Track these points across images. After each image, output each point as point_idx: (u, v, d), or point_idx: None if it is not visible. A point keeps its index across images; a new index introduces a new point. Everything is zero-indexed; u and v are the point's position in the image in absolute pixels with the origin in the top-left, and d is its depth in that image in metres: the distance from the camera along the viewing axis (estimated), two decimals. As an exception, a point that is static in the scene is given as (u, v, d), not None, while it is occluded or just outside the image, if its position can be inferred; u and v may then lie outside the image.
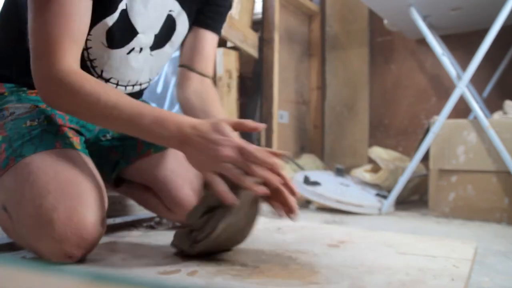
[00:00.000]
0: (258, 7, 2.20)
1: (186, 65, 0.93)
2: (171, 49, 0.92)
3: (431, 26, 1.85)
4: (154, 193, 0.95)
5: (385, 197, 1.78)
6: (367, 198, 1.76)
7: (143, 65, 0.88)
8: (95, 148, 0.91)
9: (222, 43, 1.81)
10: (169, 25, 0.87)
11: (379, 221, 1.53)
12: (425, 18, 1.77)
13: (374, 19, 2.46)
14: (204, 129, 0.64)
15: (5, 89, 0.84)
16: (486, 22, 1.66)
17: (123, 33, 0.80)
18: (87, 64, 0.82)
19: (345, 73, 2.62)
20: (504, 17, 1.54)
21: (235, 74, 1.89)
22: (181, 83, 0.93)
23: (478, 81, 2.04)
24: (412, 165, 1.68)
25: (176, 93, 0.95)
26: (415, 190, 2.02)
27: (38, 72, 0.69)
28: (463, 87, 1.61)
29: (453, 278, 0.60)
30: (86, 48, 0.80)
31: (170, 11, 0.86)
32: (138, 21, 0.81)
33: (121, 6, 0.77)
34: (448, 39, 2.12)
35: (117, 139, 0.96)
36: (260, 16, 2.19)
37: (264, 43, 2.16)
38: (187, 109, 0.91)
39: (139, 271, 0.63)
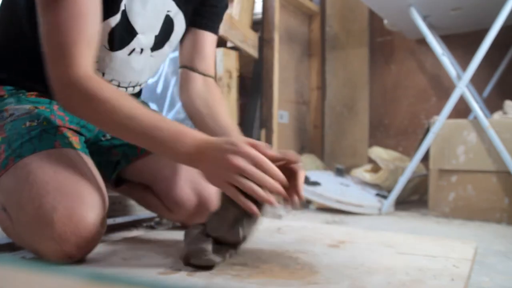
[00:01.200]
0: (258, 7, 2.20)
1: (188, 66, 0.92)
2: (169, 49, 0.92)
3: (431, 26, 1.85)
4: (154, 193, 0.95)
5: (385, 197, 1.78)
6: (367, 198, 1.76)
7: (144, 66, 0.88)
8: (95, 148, 0.91)
9: (222, 43, 1.81)
10: (167, 26, 0.87)
11: (379, 221, 1.53)
12: (425, 18, 1.77)
13: (374, 19, 2.46)
14: (219, 142, 0.64)
15: (4, 91, 0.84)
16: (486, 22, 1.66)
17: (123, 34, 0.80)
18: None
19: (345, 73, 2.62)
20: (504, 17, 1.54)
21: (235, 74, 1.89)
22: (184, 85, 0.92)
23: (478, 81, 2.04)
24: (412, 165, 1.68)
25: (180, 95, 0.94)
26: (415, 190, 2.02)
27: (54, 76, 0.68)
28: (463, 87, 1.61)
29: (453, 278, 0.60)
30: None
31: (168, 11, 0.86)
32: (137, 22, 0.81)
33: (121, 6, 0.77)
34: (448, 39, 2.12)
35: (117, 139, 0.96)
36: (260, 16, 2.19)
37: (264, 43, 2.16)
38: (192, 113, 0.90)
39: (139, 271, 0.63)
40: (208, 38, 0.93)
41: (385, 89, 2.51)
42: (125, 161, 0.94)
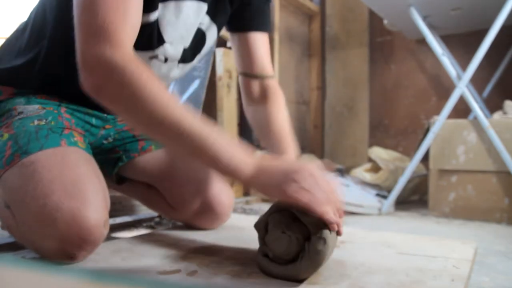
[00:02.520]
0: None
1: (244, 71, 0.92)
2: (197, 60, 0.91)
3: (431, 26, 1.85)
4: (157, 191, 0.95)
5: (385, 197, 1.78)
6: (367, 198, 1.76)
7: (166, 74, 0.86)
8: (97, 151, 0.91)
9: (222, 43, 1.81)
10: (199, 39, 0.85)
11: (379, 221, 1.53)
12: (425, 18, 1.77)
13: (374, 19, 2.46)
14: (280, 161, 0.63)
15: (13, 91, 0.84)
16: (486, 22, 1.66)
17: (149, 38, 0.77)
18: None
19: (345, 73, 2.62)
20: (504, 17, 1.54)
21: (235, 74, 1.89)
22: (243, 92, 0.93)
23: (478, 81, 2.04)
24: (412, 165, 1.68)
25: (243, 102, 0.94)
26: (415, 190, 2.02)
27: (90, 53, 0.59)
28: (463, 87, 1.61)
29: (453, 278, 0.60)
30: None
31: (200, 24, 0.83)
32: (167, 31, 0.78)
33: (159, 7, 0.74)
34: (448, 39, 2.12)
35: (118, 140, 0.96)
36: (260, 16, 2.19)
37: (264, 43, 2.15)
38: (251, 122, 0.91)
39: (139, 271, 0.63)
40: (259, 38, 0.91)
41: (385, 89, 2.51)
42: (126, 157, 0.94)
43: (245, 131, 2.11)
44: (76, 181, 0.67)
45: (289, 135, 0.83)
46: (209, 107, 1.79)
